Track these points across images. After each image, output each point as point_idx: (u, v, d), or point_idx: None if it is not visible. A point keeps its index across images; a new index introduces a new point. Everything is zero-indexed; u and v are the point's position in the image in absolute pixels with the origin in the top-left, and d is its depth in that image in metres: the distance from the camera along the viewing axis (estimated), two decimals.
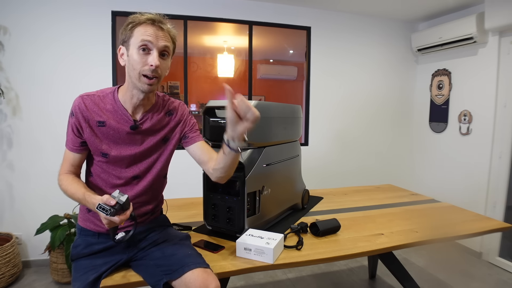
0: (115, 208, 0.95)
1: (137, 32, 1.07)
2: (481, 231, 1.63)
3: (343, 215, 1.80)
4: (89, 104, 1.12)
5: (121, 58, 1.13)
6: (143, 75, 1.08)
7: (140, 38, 1.06)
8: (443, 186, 3.27)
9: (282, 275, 2.56)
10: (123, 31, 1.11)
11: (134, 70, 1.08)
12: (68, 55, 2.60)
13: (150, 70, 1.07)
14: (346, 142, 3.46)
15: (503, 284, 2.45)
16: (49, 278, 2.48)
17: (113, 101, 1.15)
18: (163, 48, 1.10)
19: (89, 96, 1.14)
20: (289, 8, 3.14)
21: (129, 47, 1.09)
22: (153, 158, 1.22)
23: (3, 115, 2.51)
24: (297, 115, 1.84)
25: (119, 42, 1.14)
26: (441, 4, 2.98)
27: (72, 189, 1.09)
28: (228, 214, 1.42)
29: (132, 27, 1.08)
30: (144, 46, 1.06)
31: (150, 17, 1.08)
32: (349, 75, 3.41)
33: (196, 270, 1.05)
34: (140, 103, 1.16)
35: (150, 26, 1.08)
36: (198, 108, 4.17)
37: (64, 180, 1.13)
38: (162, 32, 1.09)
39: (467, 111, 3.01)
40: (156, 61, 1.07)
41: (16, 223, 2.57)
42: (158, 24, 1.09)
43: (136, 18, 1.09)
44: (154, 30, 1.08)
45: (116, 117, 1.14)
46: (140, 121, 1.17)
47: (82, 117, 1.11)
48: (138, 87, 1.10)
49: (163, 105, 1.25)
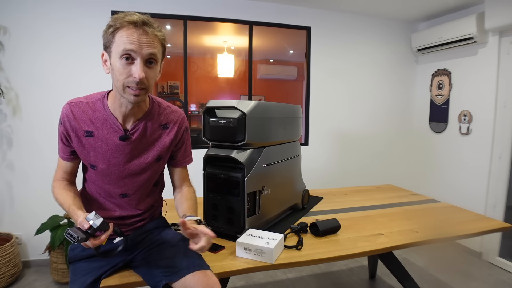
0: (88, 233, 0.90)
1: (119, 38, 0.95)
2: (481, 231, 1.63)
3: (343, 215, 1.80)
4: (76, 112, 1.06)
5: (105, 65, 1.03)
6: (127, 87, 0.98)
7: (122, 47, 0.94)
8: (443, 186, 3.27)
9: (282, 275, 2.56)
10: (104, 35, 0.99)
11: (118, 81, 0.98)
12: (68, 55, 2.60)
13: (134, 82, 0.96)
14: (346, 142, 3.46)
15: (503, 284, 2.45)
16: (49, 278, 2.48)
17: (103, 108, 1.07)
18: (149, 56, 0.97)
19: (77, 104, 1.07)
20: (289, 8, 3.14)
21: (111, 54, 0.98)
22: (143, 178, 1.16)
23: (3, 115, 2.50)
24: (297, 115, 1.84)
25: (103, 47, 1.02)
26: (441, 4, 2.98)
27: (61, 198, 1.08)
28: (228, 214, 1.42)
29: (113, 31, 0.96)
30: (127, 55, 0.95)
31: (132, 19, 0.95)
32: (349, 75, 3.41)
33: (197, 273, 1.03)
34: (129, 112, 1.07)
35: (133, 30, 0.95)
36: (198, 108, 4.17)
37: (56, 188, 1.12)
38: (147, 37, 0.96)
39: (467, 111, 3.01)
40: (140, 73, 0.95)
41: (16, 223, 2.57)
42: (142, 28, 0.95)
43: (117, 20, 0.96)
44: (138, 35, 0.95)
45: (106, 126, 1.07)
46: (131, 131, 1.09)
47: (69, 126, 1.06)
48: (124, 98, 1.01)
49: (159, 113, 1.15)
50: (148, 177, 1.18)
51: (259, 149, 1.46)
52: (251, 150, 1.42)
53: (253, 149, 1.43)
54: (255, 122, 1.41)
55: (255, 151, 1.44)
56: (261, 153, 1.47)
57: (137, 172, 1.14)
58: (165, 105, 1.19)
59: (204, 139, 1.50)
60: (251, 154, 1.41)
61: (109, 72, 1.02)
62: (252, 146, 1.43)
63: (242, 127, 1.37)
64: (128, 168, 1.12)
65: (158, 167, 1.20)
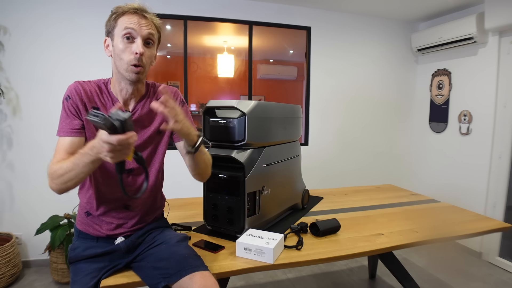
0: (112, 122, 0.77)
1: (121, 22, 1.08)
2: (481, 231, 1.63)
3: (343, 215, 1.80)
4: (86, 88, 1.11)
5: (107, 50, 1.14)
6: (130, 65, 1.07)
7: (124, 26, 1.06)
8: (443, 186, 3.27)
9: (282, 275, 2.56)
10: (107, 23, 1.11)
11: (121, 60, 1.08)
12: (68, 55, 2.60)
13: (135, 58, 1.07)
14: (346, 142, 3.46)
15: (503, 284, 2.45)
16: (49, 278, 2.48)
17: (107, 91, 1.15)
18: (147, 36, 1.09)
19: (85, 82, 1.13)
20: (289, 8, 3.14)
21: (113, 37, 1.10)
22: (148, 151, 1.19)
23: (3, 115, 2.51)
24: (297, 115, 1.84)
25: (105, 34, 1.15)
26: (441, 4, 2.98)
27: (66, 162, 0.96)
28: (228, 214, 1.42)
29: (116, 17, 1.08)
30: (128, 34, 1.07)
31: (133, 6, 1.09)
32: (349, 75, 3.41)
33: (194, 275, 1.02)
34: (129, 96, 1.16)
35: (133, 15, 1.08)
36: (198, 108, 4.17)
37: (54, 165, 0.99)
38: (146, 21, 1.09)
39: (467, 111, 3.01)
40: (140, 49, 1.06)
41: (16, 223, 2.58)
42: (142, 13, 1.09)
43: (119, 8, 1.09)
44: (138, 18, 1.08)
45: (109, 107, 1.13)
46: (132, 111, 1.16)
47: (79, 100, 1.07)
48: (126, 77, 1.10)
49: (154, 92, 1.24)
50: (151, 150, 1.20)
51: (259, 149, 1.46)
52: (251, 150, 1.42)
53: (253, 149, 1.43)
54: (255, 122, 1.41)
55: (255, 151, 1.44)
56: (261, 153, 1.47)
57: (141, 146, 1.17)
58: (158, 85, 1.26)
59: (204, 139, 1.50)
60: (251, 154, 1.41)
61: (110, 55, 1.13)
62: (252, 146, 1.43)
63: (242, 127, 1.37)
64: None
65: (160, 141, 1.22)
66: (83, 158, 0.92)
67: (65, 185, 0.97)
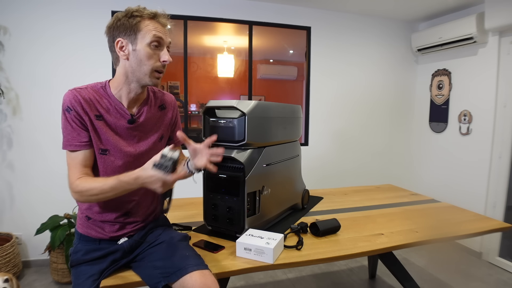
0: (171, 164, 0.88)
1: (146, 27, 1.06)
2: (481, 231, 1.63)
3: (343, 215, 1.80)
4: (84, 96, 1.06)
5: (121, 51, 1.07)
6: (155, 71, 1.10)
7: (153, 33, 1.06)
8: (443, 186, 3.27)
9: (282, 275, 2.56)
10: (124, 23, 1.05)
11: (145, 65, 1.08)
12: (68, 55, 2.60)
13: (162, 65, 1.11)
14: (346, 142, 3.46)
15: (503, 284, 2.45)
16: (49, 278, 2.48)
17: (107, 95, 1.11)
18: (169, 44, 1.13)
19: (82, 89, 1.08)
20: (289, 8, 3.14)
21: (136, 41, 1.06)
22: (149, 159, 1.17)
23: (3, 115, 2.51)
24: (297, 115, 1.84)
25: (115, 33, 1.07)
26: (441, 4, 2.98)
27: (99, 181, 1.02)
28: (228, 214, 1.42)
29: (140, 20, 1.06)
30: (157, 42, 1.08)
31: (156, 12, 1.10)
32: (349, 75, 3.41)
33: (194, 273, 1.02)
34: (136, 98, 1.16)
35: (157, 21, 1.09)
36: (198, 108, 4.17)
37: (83, 181, 1.02)
38: (165, 29, 1.12)
39: (467, 111, 3.01)
40: (169, 57, 1.10)
41: (16, 223, 2.58)
42: (163, 19, 1.11)
43: (143, 11, 1.08)
44: (161, 26, 1.10)
45: (113, 111, 1.11)
46: (137, 115, 1.16)
47: (81, 110, 1.05)
48: (144, 82, 1.10)
49: (155, 97, 1.25)
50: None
51: (259, 149, 1.46)
52: (251, 150, 1.42)
53: (253, 149, 1.43)
54: (255, 122, 1.41)
55: (255, 151, 1.44)
56: (261, 153, 1.47)
57: (145, 152, 1.17)
58: (157, 90, 1.29)
59: (204, 139, 1.49)
60: (251, 154, 1.41)
61: (126, 58, 1.08)
62: (252, 146, 1.43)
63: (242, 127, 1.37)
64: (138, 148, 1.16)
65: (161, 147, 1.22)
66: (125, 186, 1.01)
67: (95, 200, 1.09)
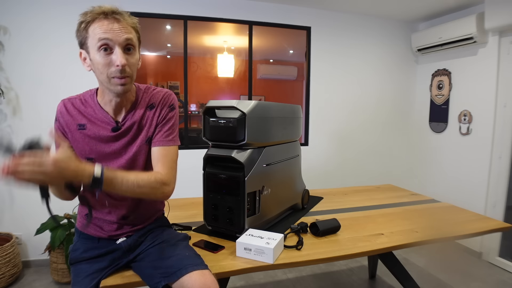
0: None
1: (92, 31, 0.96)
2: (481, 231, 1.63)
3: (343, 215, 1.80)
4: (70, 107, 1.10)
5: (84, 63, 1.04)
6: (112, 77, 1.00)
7: (97, 37, 0.96)
8: (443, 186, 3.27)
9: (282, 275, 2.56)
10: (77, 33, 1.00)
11: (102, 74, 1.00)
12: (68, 55, 2.59)
13: (118, 70, 0.98)
14: (346, 142, 3.46)
15: (503, 284, 2.45)
16: (49, 278, 2.48)
17: (93, 103, 1.10)
18: (126, 42, 0.99)
19: (70, 100, 1.11)
20: (289, 8, 3.14)
21: (88, 50, 1.00)
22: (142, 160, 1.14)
23: (3, 115, 2.50)
24: (297, 115, 1.84)
25: (78, 44, 1.03)
26: (441, 4, 2.98)
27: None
28: (228, 214, 1.42)
29: (86, 26, 0.97)
30: (105, 45, 0.97)
31: (101, 9, 0.96)
32: (349, 75, 3.41)
33: (194, 273, 1.02)
34: (118, 105, 1.10)
35: (104, 20, 0.96)
36: (198, 108, 4.17)
37: None
38: (119, 24, 0.98)
39: (467, 111, 3.01)
40: (121, 60, 0.97)
41: (16, 223, 2.57)
42: (113, 16, 0.97)
43: (86, 15, 0.97)
44: (110, 24, 0.96)
45: (97, 120, 1.09)
46: (123, 121, 1.11)
47: (63, 122, 1.09)
48: (111, 90, 1.03)
49: (144, 98, 1.15)
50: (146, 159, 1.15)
51: (259, 149, 1.46)
52: (251, 150, 1.42)
53: (253, 149, 1.43)
54: (255, 122, 1.41)
55: (255, 151, 1.44)
56: (261, 153, 1.47)
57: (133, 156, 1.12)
58: (151, 89, 1.19)
59: (204, 139, 1.50)
60: (251, 154, 1.41)
61: (91, 69, 1.03)
62: (252, 146, 1.43)
63: (242, 127, 1.37)
64: (126, 154, 1.11)
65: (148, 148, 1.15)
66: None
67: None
